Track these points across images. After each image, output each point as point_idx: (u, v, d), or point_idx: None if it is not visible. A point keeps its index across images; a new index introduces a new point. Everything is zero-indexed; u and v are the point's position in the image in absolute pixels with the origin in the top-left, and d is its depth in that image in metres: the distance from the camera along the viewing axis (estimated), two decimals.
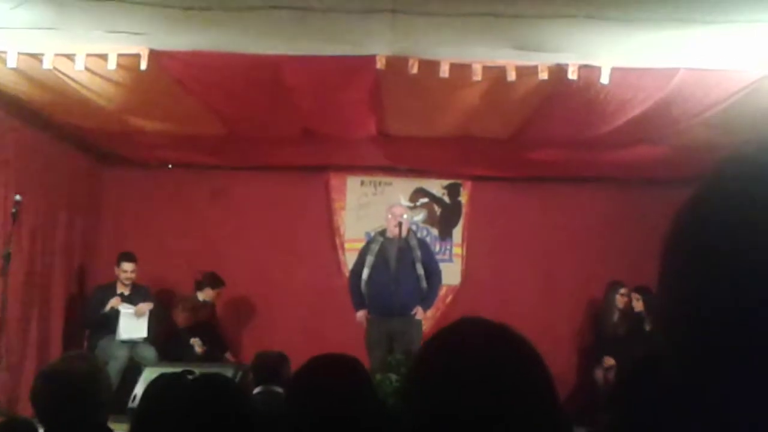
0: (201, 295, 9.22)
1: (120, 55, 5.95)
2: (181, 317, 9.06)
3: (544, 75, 5.94)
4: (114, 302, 8.39)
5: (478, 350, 1.43)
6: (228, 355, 9.21)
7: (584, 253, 9.74)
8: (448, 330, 1.50)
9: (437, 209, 10.35)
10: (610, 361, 8.70)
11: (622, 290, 9.20)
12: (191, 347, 8.72)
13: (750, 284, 0.74)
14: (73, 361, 3.28)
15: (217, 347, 9.09)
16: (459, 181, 10.30)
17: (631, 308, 9.04)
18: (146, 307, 8.48)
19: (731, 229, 0.76)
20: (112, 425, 3.18)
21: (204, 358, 8.58)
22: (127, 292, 8.68)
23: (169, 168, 10.13)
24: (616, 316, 9.21)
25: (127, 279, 8.68)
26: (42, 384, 3.18)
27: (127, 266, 8.68)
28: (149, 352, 8.34)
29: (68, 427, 3.04)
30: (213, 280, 9.23)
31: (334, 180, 10.26)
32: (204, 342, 8.84)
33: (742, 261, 0.75)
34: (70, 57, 6.02)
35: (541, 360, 1.45)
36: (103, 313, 8.39)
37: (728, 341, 0.75)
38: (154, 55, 5.91)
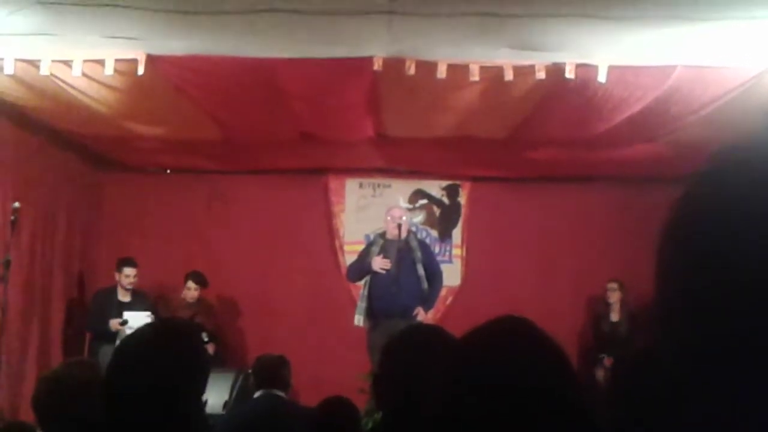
0: (185, 292, 9.18)
1: (117, 61, 5.96)
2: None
3: (541, 74, 5.94)
4: (114, 325, 8.33)
5: (518, 351, 1.46)
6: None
7: (584, 252, 9.75)
8: (488, 329, 1.52)
9: (436, 210, 10.35)
10: (611, 360, 8.70)
11: (610, 284, 9.22)
12: None
13: (746, 277, 0.74)
14: (74, 368, 3.29)
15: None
16: (458, 182, 10.30)
17: (626, 303, 9.08)
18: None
19: (726, 221, 0.76)
20: None
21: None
22: (127, 299, 8.65)
23: (167, 173, 10.14)
24: (615, 315, 9.22)
25: (129, 284, 8.66)
26: (43, 390, 3.18)
27: (130, 271, 8.66)
28: None
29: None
30: (195, 276, 9.20)
31: (333, 183, 10.26)
32: None
33: (737, 253, 0.75)
34: (67, 63, 6.03)
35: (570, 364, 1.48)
36: (104, 327, 8.35)
37: (725, 334, 0.75)
38: (151, 59, 5.92)
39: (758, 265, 0.73)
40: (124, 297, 8.67)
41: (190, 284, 9.17)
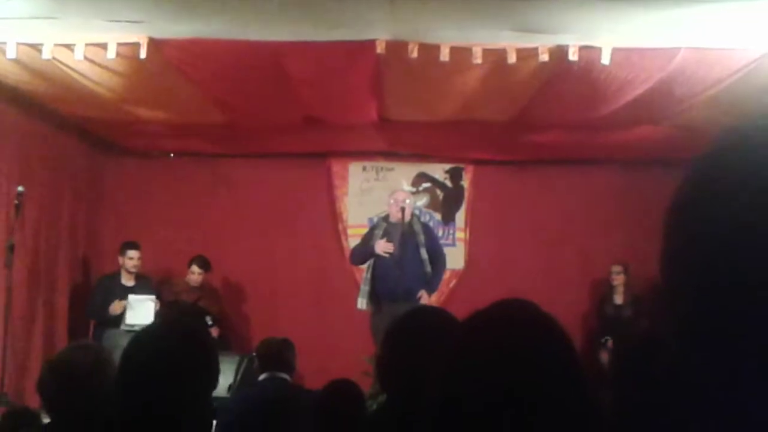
0: (188, 276, 9.19)
1: (119, 44, 5.95)
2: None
3: (544, 57, 5.93)
4: (116, 307, 8.33)
5: (518, 333, 1.46)
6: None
7: (588, 235, 9.75)
8: (488, 313, 1.52)
9: (439, 194, 10.34)
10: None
11: (614, 267, 9.22)
12: None
13: (750, 258, 0.74)
14: (79, 351, 3.28)
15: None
16: (461, 165, 10.29)
17: (630, 286, 9.09)
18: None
19: (730, 203, 0.76)
20: None
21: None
22: (131, 283, 8.65)
23: (170, 157, 10.14)
24: (619, 298, 9.23)
25: (133, 267, 8.64)
26: (48, 374, 3.19)
27: (133, 253, 8.65)
28: None
29: (75, 417, 3.04)
30: (199, 260, 9.20)
31: (336, 166, 10.25)
32: None
33: (741, 235, 0.74)
34: (69, 47, 6.01)
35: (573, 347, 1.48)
36: (107, 313, 8.35)
37: (728, 316, 0.75)
38: (153, 43, 5.91)
39: (762, 246, 0.73)
40: (127, 281, 8.66)
41: (194, 268, 9.17)
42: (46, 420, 3.34)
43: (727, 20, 5.45)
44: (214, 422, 5.08)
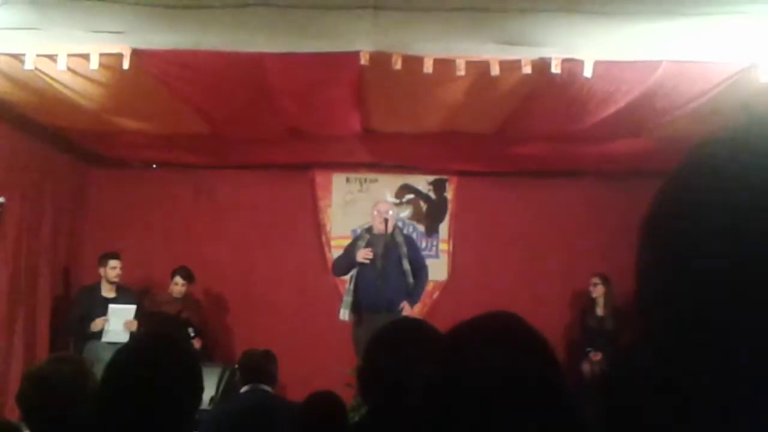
0: (171, 287, 9.13)
1: (102, 55, 5.91)
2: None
3: (527, 69, 5.94)
4: (97, 324, 8.26)
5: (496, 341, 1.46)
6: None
7: (571, 246, 9.78)
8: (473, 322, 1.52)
9: (423, 205, 10.36)
10: (597, 355, 8.74)
11: (594, 279, 9.25)
12: None
13: (723, 268, 0.74)
14: (59, 364, 3.26)
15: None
16: (445, 177, 10.31)
17: (611, 297, 9.11)
18: (132, 325, 8.34)
19: (703, 214, 0.77)
20: None
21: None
22: (111, 296, 8.57)
23: (153, 168, 10.12)
24: (601, 310, 9.25)
25: (116, 276, 8.56)
26: (28, 386, 3.16)
27: (115, 263, 8.57)
28: None
29: (54, 429, 3.02)
30: (183, 271, 9.15)
31: (320, 177, 10.25)
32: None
33: (713, 245, 0.75)
34: (51, 57, 5.98)
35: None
36: (87, 329, 8.27)
37: (707, 324, 0.75)
38: (136, 54, 5.88)
39: (735, 256, 0.74)
40: (108, 293, 8.59)
41: (178, 279, 9.12)
42: None
43: (708, 34, 5.49)
44: None
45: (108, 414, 2.26)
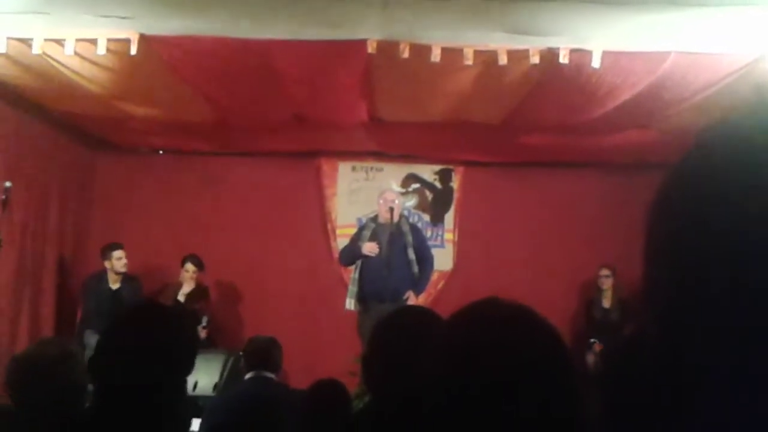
0: (182, 275, 9.08)
1: (110, 40, 5.91)
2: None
3: (535, 59, 5.92)
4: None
5: (500, 330, 1.45)
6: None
7: (576, 237, 9.76)
8: (470, 309, 1.51)
9: (429, 195, 10.34)
10: (601, 346, 8.73)
11: (603, 271, 9.23)
12: None
13: (730, 256, 0.74)
14: (44, 346, 3.30)
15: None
16: (451, 167, 10.30)
17: (617, 289, 9.10)
18: None
19: (710, 200, 0.76)
20: None
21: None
22: (116, 286, 8.58)
23: (160, 154, 10.12)
24: (607, 301, 9.24)
25: (123, 266, 8.54)
26: (14, 369, 3.19)
27: (120, 253, 8.55)
28: None
29: (40, 410, 3.03)
30: (193, 258, 9.11)
31: (326, 166, 10.24)
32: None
33: (722, 232, 0.74)
34: (59, 42, 5.98)
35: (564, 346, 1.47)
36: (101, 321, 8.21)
37: (713, 315, 0.75)
38: (144, 39, 5.88)
39: (743, 244, 0.73)
40: (114, 284, 8.60)
41: (189, 266, 9.06)
42: None
43: (717, 25, 5.47)
44: (199, 420, 5.08)
45: (100, 381, 2.27)
